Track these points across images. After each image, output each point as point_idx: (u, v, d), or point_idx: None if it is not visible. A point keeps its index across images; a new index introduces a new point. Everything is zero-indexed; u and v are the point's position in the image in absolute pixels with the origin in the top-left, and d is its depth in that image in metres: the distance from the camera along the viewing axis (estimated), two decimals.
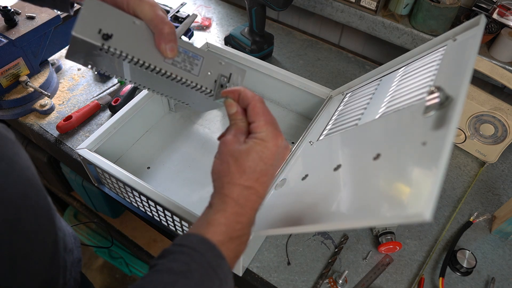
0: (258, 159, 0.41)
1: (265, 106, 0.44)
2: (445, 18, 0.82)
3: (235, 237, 0.41)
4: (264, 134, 0.42)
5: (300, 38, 1.05)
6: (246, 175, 0.41)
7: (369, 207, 0.37)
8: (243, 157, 0.41)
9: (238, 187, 0.41)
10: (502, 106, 0.71)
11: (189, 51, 0.46)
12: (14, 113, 0.80)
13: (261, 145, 0.42)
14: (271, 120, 0.43)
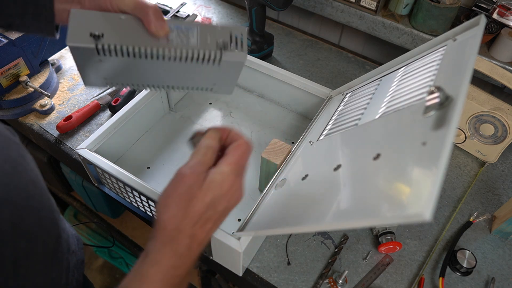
0: (210, 204, 0.40)
1: (249, 154, 0.43)
2: (445, 18, 0.82)
3: None
4: (225, 175, 0.41)
5: (300, 38, 1.05)
6: (193, 221, 0.39)
7: (369, 207, 0.37)
8: (196, 200, 0.39)
9: (180, 234, 0.39)
10: (502, 106, 0.71)
11: (181, 25, 0.45)
12: (14, 113, 0.80)
13: (217, 189, 0.40)
14: (243, 165, 0.42)
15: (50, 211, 0.38)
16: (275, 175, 0.60)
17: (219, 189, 0.40)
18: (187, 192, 0.39)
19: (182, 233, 0.38)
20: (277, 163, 0.59)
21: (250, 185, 0.70)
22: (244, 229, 0.54)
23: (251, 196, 0.69)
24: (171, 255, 0.38)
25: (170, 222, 0.38)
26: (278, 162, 0.59)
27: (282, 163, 0.60)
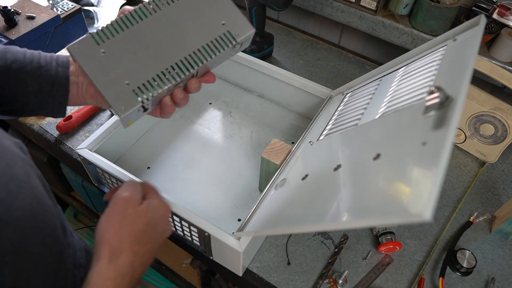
0: (150, 223, 0.44)
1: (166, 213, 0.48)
2: (445, 18, 0.82)
3: None
4: (158, 201, 0.46)
5: (300, 38, 1.05)
6: (136, 239, 0.42)
7: (369, 207, 0.37)
8: (137, 218, 0.43)
9: (124, 252, 0.41)
10: (502, 106, 0.71)
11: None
12: None
13: (155, 211, 0.45)
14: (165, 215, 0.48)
15: (54, 229, 0.38)
16: (275, 175, 0.60)
17: (157, 211, 0.45)
18: (129, 211, 0.43)
19: (126, 250, 0.41)
20: (277, 163, 0.59)
21: (250, 185, 0.70)
22: (244, 229, 0.54)
23: (251, 196, 0.69)
24: (115, 273, 0.40)
25: (114, 240, 0.41)
26: (278, 162, 0.59)
27: (282, 163, 0.60)
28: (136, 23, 0.45)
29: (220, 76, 0.90)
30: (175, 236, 0.65)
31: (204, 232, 0.55)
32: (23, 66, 0.46)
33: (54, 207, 0.39)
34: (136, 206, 0.44)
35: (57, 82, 0.48)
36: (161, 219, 0.46)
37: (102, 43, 0.44)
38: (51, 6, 0.91)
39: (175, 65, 0.46)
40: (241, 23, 0.48)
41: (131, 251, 0.41)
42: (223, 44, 0.47)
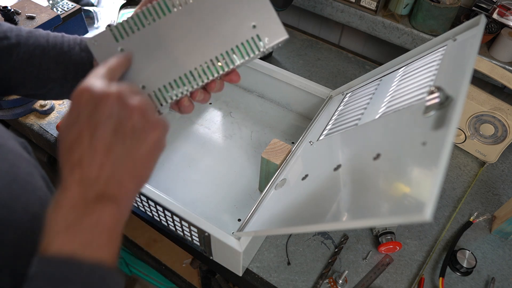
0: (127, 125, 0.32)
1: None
2: (445, 18, 0.82)
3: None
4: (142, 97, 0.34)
5: (300, 38, 1.05)
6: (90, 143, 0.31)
7: (369, 207, 0.37)
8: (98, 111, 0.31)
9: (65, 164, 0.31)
10: (502, 106, 0.71)
11: None
12: (14, 113, 0.80)
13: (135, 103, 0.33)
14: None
15: None
16: (275, 175, 0.60)
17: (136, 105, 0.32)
18: (83, 100, 0.32)
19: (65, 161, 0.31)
20: (277, 163, 0.59)
21: (250, 185, 0.70)
22: (244, 229, 0.54)
23: (251, 196, 0.69)
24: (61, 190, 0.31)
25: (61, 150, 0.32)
26: (278, 162, 0.59)
27: (282, 163, 0.60)
28: (158, 19, 0.41)
29: None
30: (175, 236, 0.65)
31: (204, 232, 0.55)
32: (46, 52, 0.46)
33: None
34: (97, 95, 0.31)
35: (81, 68, 0.47)
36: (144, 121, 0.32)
37: (121, 40, 0.42)
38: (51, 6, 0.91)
39: (194, 70, 0.42)
40: (274, 26, 0.42)
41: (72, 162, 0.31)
42: (250, 51, 0.42)
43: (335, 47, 1.03)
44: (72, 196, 0.30)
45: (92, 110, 0.30)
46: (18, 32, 0.46)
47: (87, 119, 0.30)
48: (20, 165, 0.34)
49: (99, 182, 0.30)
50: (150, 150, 0.32)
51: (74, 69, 0.47)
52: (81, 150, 0.30)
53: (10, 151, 0.34)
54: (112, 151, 0.30)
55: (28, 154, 0.38)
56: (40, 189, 0.36)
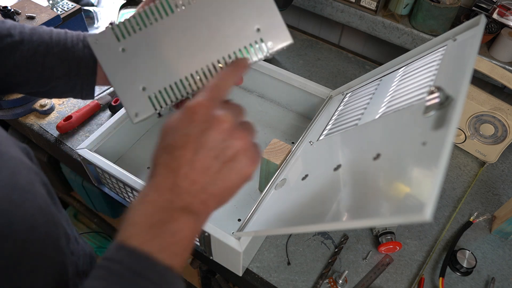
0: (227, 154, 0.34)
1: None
2: (445, 18, 0.82)
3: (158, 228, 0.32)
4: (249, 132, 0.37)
5: (300, 38, 1.05)
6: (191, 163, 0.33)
7: (369, 207, 0.37)
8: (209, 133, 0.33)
9: (161, 170, 0.33)
10: (502, 106, 0.71)
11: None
12: (14, 113, 0.80)
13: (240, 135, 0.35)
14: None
15: (56, 239, 0.37)
16: (275, 175, 0.60)
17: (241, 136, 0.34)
18: (198, 118, 0.34)
19: (163, 167, 0.34)
20: (277, 163, 0.59)
21: (250, 185, 0.70)
22: (244, 229, 0.54)
23: (251, 196, 0.69)
24: (151, 191, 0.33)
25: (158, 156, 0.35)
26: (278, 162, 0.59)
27: (282, 163, 0.60)
28: (161, 19, 0.41)
29: None
30: None
31: (204, 232, 0.55)
32: (49, 49, 0.46)
33: (58, 213, 0.38)
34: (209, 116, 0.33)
35: (84, 65, 0.47)
36: (243, 151, 0.34)
37: (122, 39, 0.41)
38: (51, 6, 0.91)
39: (196, 73, 0.42)
40: (278, 30, 0.41)
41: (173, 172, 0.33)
42: (253, 55, 0.42)
43: (335, 47, 1.03)
44: (161, 199, 0.32)
45: (204, 129, 0.33)
46: (22, 29, 0.46)
47: (197, 135, 0.33)
48: (20, 172, 0.34)
49: (188, 195, 0.32)
50: (239, 181, 0.35)
51: (77, 66, 0.47)
52: (181, 160, 0.33)
53: (11, 159, 0.34)
54: (208, 173, 0.33)
55: (30, 160, 0.37)
56: (40, 197, 0.35)
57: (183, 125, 0.34)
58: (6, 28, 0.46)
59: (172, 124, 0.35)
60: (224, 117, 0.34)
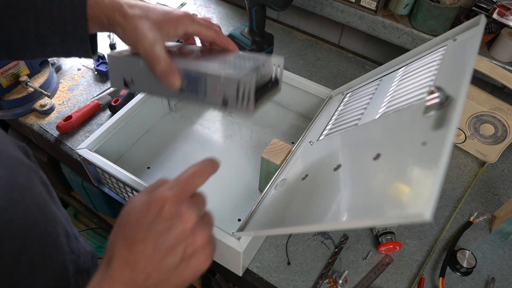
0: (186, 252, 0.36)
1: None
2: (445, 18, 0.82)
3: None
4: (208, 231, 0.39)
5: (300, 38, 1.05)
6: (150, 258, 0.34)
7: (369, 207, 0.36)
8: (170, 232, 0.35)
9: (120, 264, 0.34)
10: (502, 106, 0.71)
11: (191, 72, 0.46)
12: (14, 113, 0.80)
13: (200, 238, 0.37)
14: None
15: (56, 237, 0.37)
16: (275, 175, 0.60)
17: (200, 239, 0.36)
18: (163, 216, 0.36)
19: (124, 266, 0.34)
20: (277, 163, 0.59)
21: (250, 185, 0.70)
22: (244, 229, 0.54)
23: (251, 196, 0.69)
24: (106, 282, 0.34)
25: (115, 245, 0.35)
26: (278, 162, 0.59)
27: (282, 163, 0.60)
28: None
29: None
30: None
31: None
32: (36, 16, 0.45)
33: (58, 211, 0.39)
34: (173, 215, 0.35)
35: (75, 22, 0.45)
36: (201, 249, 0.36)
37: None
38: None
39: None
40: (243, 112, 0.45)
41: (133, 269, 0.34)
42: None
43: (335, 47, 1.03)
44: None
45: (168, 227, 0.34)
46: None
47: (159, 233, 0.34)
48: (19, 171, 0.34)
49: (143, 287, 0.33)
50: (193, 276, 0.36)
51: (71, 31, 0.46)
52: (140, 255, 0.33)
53: (10, 158, 0.34)
54: (164, 269, 0.34)
55: (28, 159, 0.37)
56: (39, 195, 0.35)
57: (147, 219, 0.34)
58: None
59: (135, 214, 0.35)
60: (188, 216, 0.35)
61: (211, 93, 0.46)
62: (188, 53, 0.51)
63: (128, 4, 0.46)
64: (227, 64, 0.46)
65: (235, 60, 0.48)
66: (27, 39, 0.46)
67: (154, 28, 0.44)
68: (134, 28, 0.44)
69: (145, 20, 0.44)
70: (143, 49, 0.44)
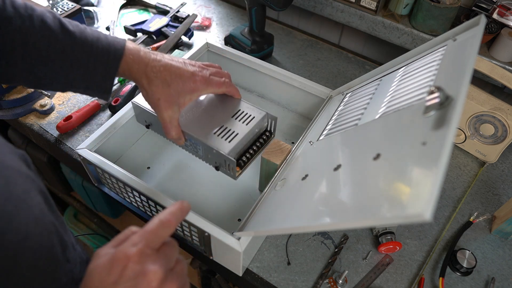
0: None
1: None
2: (445, 18, 0.82)
3: None
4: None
5: (300, 38, 1.05)
6: None
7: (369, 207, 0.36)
8: None
9: None
10: (502, 106, 0.71)
11: (192, 137, 0.59)
12: (14, 113, 0.80)
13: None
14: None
15: (51, 248, 0.36)
16: (275, 175, 0.60)
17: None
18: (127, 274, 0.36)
19: None
20: (277, 163, 0.59)
21: (250, 185, 0.70)
22: (244, 229, 0.54)
23: (251, 196, 0.69)
24: None
25: None
26: (278, 162, 0.59)
27: (282, 163, 0.60)
28: None
29: None
30: (175, 236, 0.65)
31: (204, 232, 0.55)
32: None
33: (55, 220, 0.38)
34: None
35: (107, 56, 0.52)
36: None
37: None
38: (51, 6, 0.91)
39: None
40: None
41: None
42: None
43: (335, 47, 1.03)
44: None
45: (132, 286, 0.34)
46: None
47: None
48: (16, 182, 0.34)
49: None
50: None
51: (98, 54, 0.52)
52: None
53: (7, 168, 0.34)
54: None
55: (27, 167, 0.37)
56: (36, 206, 0.35)
57: (110, 279, 0.34)
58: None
59: (99, 273, 0.35)
60: (153, 274, 0.34)
61: (206, 156, 0.60)
62: (197, 104, 0.63)
63: (154, 70, 0.53)
64: (224, 130, 0.59)
65: (232, 119, 0.60)
66: (57, 80, 0.52)
67: (171, 106, 0.54)
68: (155, 104, 0.54)
69: (165, 99, 0.54)
70: (161, 119, 0.56)
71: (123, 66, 0.53)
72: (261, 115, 0.61)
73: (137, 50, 0.54)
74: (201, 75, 0.56)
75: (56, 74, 0.51)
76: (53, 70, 0.50)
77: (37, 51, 0.49)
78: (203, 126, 0.59)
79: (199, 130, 0.59)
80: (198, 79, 0.56)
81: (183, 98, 0.55)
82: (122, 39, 0.54)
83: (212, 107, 0.62)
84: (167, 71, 0.54)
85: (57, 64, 0.50)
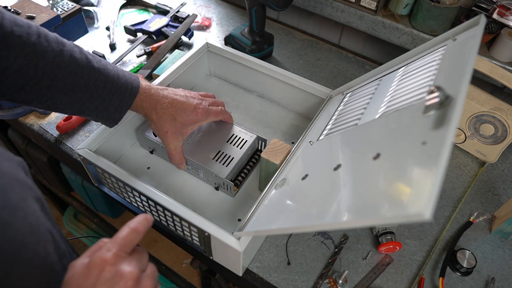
0: None
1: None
2: (445, 18, 0.82)
3: None
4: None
5: (300, 38, 1.05)
6: None
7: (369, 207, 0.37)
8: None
9: None
10: (502, 106, 0.71)
11: (194, 163, 0.66)
12: (14, 113, 0.80)
13: None
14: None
15: (46, 256, 0.36)
16: (275, 175, 0.60)
17: None
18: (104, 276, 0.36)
19: None
20: (277, 163, 0.59)
21: (250, 185, 0.70)
22: (244, 229, 0.54)
23: (251, 196, 0.69)
24: None
25: None
26: (278, 162, 0.59)
27: (282, 163, 0.60)
28: None
29: (220, 76, 0.90)
30: (175, 236, 0.65)
31: (204, 232, 0.55)
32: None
33: (52, 228, 0.38)
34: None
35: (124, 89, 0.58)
36: None
37: None
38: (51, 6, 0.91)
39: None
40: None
41: None
42: None
43: (335, 47, 1.03)
44: None
45: (109, 287, 0.34)
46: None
47: None
48: (12, 189, 0.34)
49: None
50: None
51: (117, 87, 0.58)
52: None
53: (4, 175, 0.34)
54: None
55: (25, 174, 0.37)
56: (31, 214, 0.35)
57: (88, 283, 0.35)
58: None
59: (77, 279, 0.35)
60: (129, 274, 0.35)
61: (207, 178, 0.68)
62: (196, 131, 0.71)
63: (162, 106, 0.61)
64: (221, 155, 0.67)
65: (227, 144, 0.69)
66: (72, 106, 0.55)
67: (177, 137, 0.63)
68: (164, 136, 0.62)
69: (172, 131, 0.62)
70: (167, 149, 0.64)
71: (137, 102, 0.60)
72: (253, 138, 0.69)
73: (148, 89, 0.61)
74: (202, 107, 0.64)
75: (73, 102, 0.55)
76: (72, 99, 0.54)
77: (62, 84, 0.53)
78: (203, 151, 0.67)
79: (199, 156, 0.67)
80: (200, 111, 0.63)
81: (187, 129, 0.63)
82: (136, 76, 0.61)
83: (209, 133, 0.70)
84: (173, 107, 0.61)
85: (77, 95, 0.54)
